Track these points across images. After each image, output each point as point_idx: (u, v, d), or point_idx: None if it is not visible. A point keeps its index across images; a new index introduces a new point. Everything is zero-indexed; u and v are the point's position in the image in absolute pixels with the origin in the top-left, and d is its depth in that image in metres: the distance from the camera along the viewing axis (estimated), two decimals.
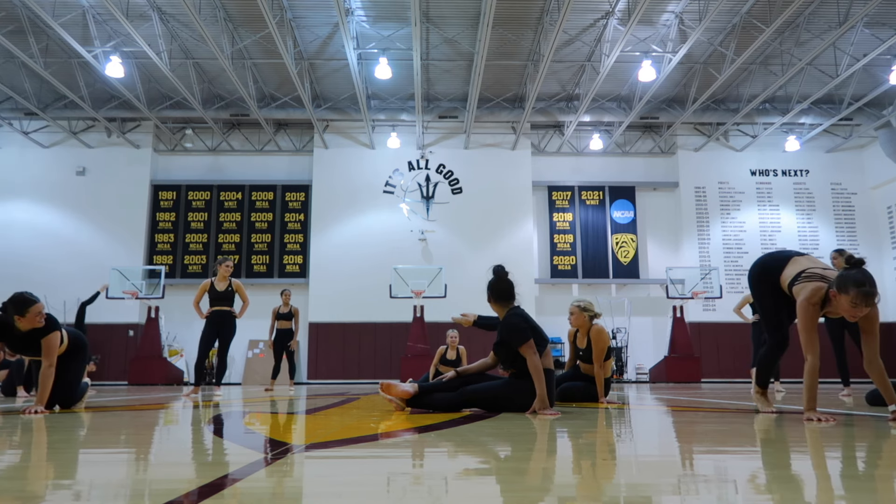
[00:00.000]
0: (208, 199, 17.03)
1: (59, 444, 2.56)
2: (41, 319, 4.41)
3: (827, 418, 3.29)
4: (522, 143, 17.06)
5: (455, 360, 8.92)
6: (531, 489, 1.52)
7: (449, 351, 8.97)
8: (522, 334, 4.18)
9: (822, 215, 17.08)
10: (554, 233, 17.09)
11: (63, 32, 11.59)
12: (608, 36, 12.57)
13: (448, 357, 8.94)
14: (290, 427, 3.38)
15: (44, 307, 4.45)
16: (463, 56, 14.13)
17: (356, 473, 1.74)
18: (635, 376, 16.04)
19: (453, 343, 9.01)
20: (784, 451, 2.24)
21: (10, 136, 16.72)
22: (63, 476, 1.76)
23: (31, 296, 4.41)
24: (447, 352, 8.99)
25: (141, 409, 4.99)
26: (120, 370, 15.31)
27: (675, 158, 17.40)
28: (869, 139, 16.99)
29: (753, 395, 4.21)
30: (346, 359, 15.96)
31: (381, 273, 15.41)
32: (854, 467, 1.92)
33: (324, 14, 12.56)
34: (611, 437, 2.84)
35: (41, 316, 4.41)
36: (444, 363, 8.95)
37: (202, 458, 2.17)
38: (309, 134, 17.35)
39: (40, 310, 4.40)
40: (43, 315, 4.43)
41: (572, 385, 5.69)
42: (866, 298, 3.25)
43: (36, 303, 4.38)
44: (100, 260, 15.84)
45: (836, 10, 11.59)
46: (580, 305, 5.71)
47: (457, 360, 8.90)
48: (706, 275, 15.45)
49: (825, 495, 1.44)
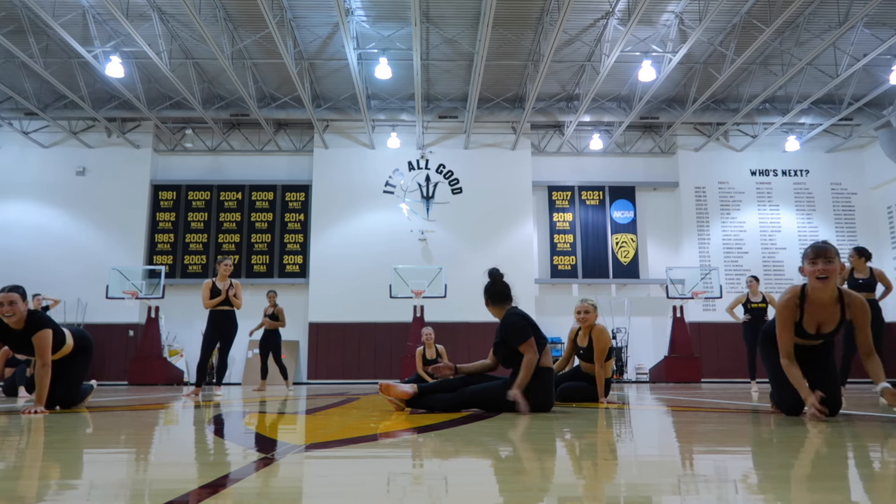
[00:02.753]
0: (208, 199, 17.03)
1: (59, 444, 2.56)
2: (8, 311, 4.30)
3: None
4: (522, 143, 17.06)
5: (434, 358, 8.89)
6: (531, 489, 1.52)
7: (427, 350, 8.93)
8: (522, 332, 4.19)
9: (822, 215, 17.08)
10: (554, 233, 17.09)
11: (63, 32, 11.59)
12: (608, 36, 12.57)
13: (428, 357, 8.91)
14: (290, 427, 3.38)
15: (18, 299, 4.35)
16: (463, 56, 14.13)
17: (356, 473, 1.74)
18: (635, 376, 16.04)
19: (429, 341, 8.94)
20: (784, 452, 2.24)
21: (10, 136, 16.72)
22: (63, 476, 1.76)
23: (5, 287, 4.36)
24: (426, 351, 8.95)
25: (141, 409, 4.99)
26: (120, 370, 15.30)
27: (675, 158, 17.40)
28: (869, 139, 16.99)
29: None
30: (345, 359, 15.96)
31: (381, 273, 15.41)
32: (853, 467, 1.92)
33: (324, 14, 12.56)
34: (611, 437, 2.84)
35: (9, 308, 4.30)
36: (425, 363, 8.91)
37: (202, 458, 2.17)
38: (309, 134, 17.36)
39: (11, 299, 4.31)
40: (16, 307, 4.32)
41: (572, 385, 5.68)
42: (818, 249, 3.40)
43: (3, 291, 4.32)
44: (100, 260, 15.84)
45: (836, 10, 11.59)
46: (594, 304, 5.71)
47: (436, 359, 8.88)
48: (706, 275, 15.45)
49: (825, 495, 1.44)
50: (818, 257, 3.40)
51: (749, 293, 9.39)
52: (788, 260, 16.79)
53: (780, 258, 16.82)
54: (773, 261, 16.80)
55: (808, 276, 3.47)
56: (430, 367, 4.60)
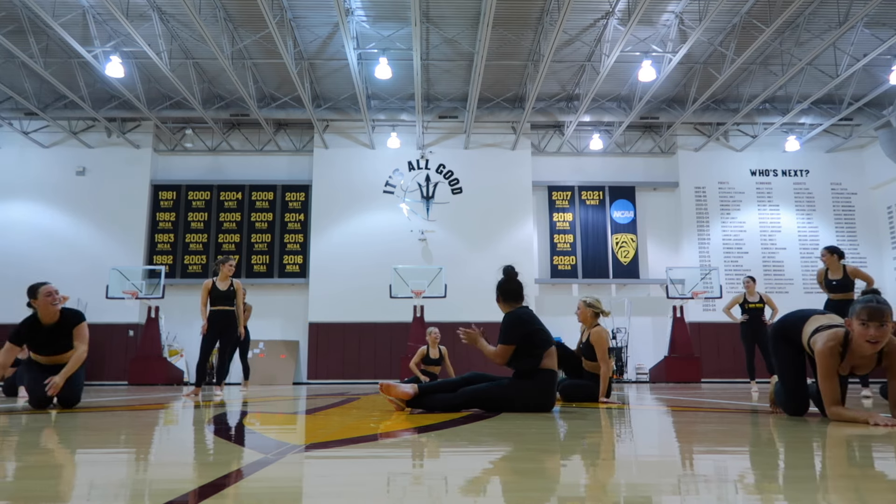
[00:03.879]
0: (208, 199, 17.03)
1: (59, 444, 2.56)
2: (53, 300, 4.71)
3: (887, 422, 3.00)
4: (522, 143, 17.06)
5: (438, 358, 8.83)
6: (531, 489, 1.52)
7: (431, 350, 8.86)
8: (508, 332, 4.23)
9: (822, 215, 17.08)
10: (554, 233, 17.09)
11: (63, 32, 11.58)
12: (608, 36, 12.57)
13: (431, 356, 8.84)
14: (289, 427, 3.38)
15: (56, 290, 4.79)
16: (463, 56, 14.13)
17: (356, 473, 1.74)
18: (635, 376, 16.04)
19: (434, 340, 8.86)
20: (783, 452, 2.24)
21: (10, 136, 16.72)
22: (63, 476, 1.76)
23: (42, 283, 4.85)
24: (429, 350, 8.87)
25: (141, 409, 4.99)
26: (120, 370, 15.30)
27: (675, 158, 17.40)
28: (869, 139, 16.99)
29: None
30: (345, 359, 15.96)
31: (381, 273, 15.41)
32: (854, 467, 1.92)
33: (324, 14, 12.56)
34: (611, 437, 2.84)
35: (52, 297, 4.72)
36: (428, 363, 8.84)
37: (202, 458, 2.17)
38: (309, 134, 17.35)
39: (50, 290, 4.74)
40: (55, 296, 4.74)
41: (574, 383, 5.69)
42: (872, 312, 3.06)
43: (45, 284, 4.79)
44: (100, 260, 15.85)
45: (836, 10, 11.59)
46: (586, 301, 5.78)
47: (439, 360, 8.82)
48: (706, 275, 15.45)
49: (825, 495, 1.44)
50: (872, 320, 3.07)
51: (746, 293, 9.39)
52: (788, 260, 16.80)
53: (780, 258, 16.82)
54: (773, 261, 16.80)
55: (856, 336, 3.14)
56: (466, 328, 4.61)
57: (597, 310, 5.73)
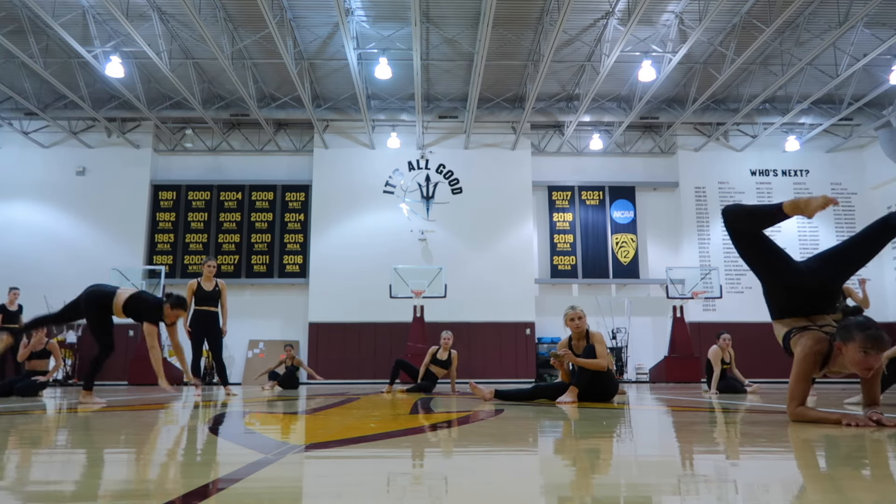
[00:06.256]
0: (208, 199, 17.03)
1: (59, 444, 2.56)
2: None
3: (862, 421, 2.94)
4: (522, 143, 17.06)
5: (446, 360, 8.87)
6: (531, 489, 1.52)
7: (441, 352, 8.93)
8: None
9: (821, 215, 17.06)
10: (554, 233, 17.09)
11: (63, 32, 11.58)
12: (608, 36, 12.57)
13: (439, 357, 8.90)
14: (289, 427, 3.38)
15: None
16: (463, 56, 14.13)
17: (356, 473, 1.74)
18: (635, 376, 16.04)
19: (447, 344, 8.94)
20: (784, 452, 2.24)
21: (10, 136, 16.72)
22: (63, 476, 1.76)
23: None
24: (439, 352, 8.94)
25: (141, 409, 5.00)
26: (120, 370, 15.29)
27: (675, 158, 17.41)
28: (869, 139, 16.99)
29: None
30: (345, 359, 15.95)
31: (381, 273, 15.41)
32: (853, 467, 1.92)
33: (324, 14, 12.56)
34: (611, 437, 2.84)
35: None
36: (434, 363, 8.91)
37: (202, 458, 2.17)
38: (309, 134, 17.35)
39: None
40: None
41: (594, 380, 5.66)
42: (877, 342, 2.85)
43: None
44: (100, 260, 15.83)
45: (836, 10, 11.59)
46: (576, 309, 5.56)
47: (447, 362, 8.87)
48: (706, 275, 15.45)
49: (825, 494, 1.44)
50: (873, 349, 2.85)
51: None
52: None
53: None
54: None
55: (852, 361, 2.91)
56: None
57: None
